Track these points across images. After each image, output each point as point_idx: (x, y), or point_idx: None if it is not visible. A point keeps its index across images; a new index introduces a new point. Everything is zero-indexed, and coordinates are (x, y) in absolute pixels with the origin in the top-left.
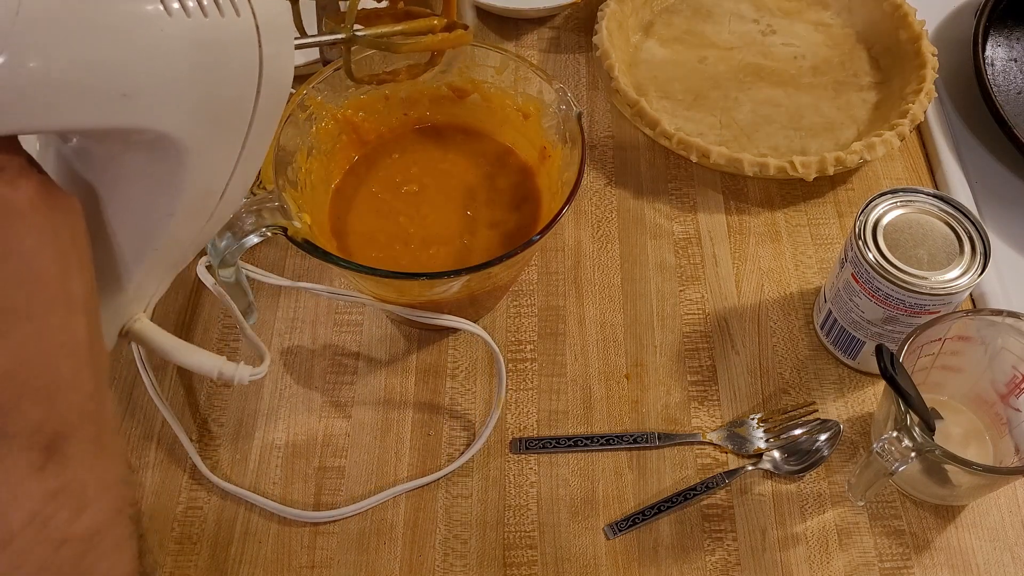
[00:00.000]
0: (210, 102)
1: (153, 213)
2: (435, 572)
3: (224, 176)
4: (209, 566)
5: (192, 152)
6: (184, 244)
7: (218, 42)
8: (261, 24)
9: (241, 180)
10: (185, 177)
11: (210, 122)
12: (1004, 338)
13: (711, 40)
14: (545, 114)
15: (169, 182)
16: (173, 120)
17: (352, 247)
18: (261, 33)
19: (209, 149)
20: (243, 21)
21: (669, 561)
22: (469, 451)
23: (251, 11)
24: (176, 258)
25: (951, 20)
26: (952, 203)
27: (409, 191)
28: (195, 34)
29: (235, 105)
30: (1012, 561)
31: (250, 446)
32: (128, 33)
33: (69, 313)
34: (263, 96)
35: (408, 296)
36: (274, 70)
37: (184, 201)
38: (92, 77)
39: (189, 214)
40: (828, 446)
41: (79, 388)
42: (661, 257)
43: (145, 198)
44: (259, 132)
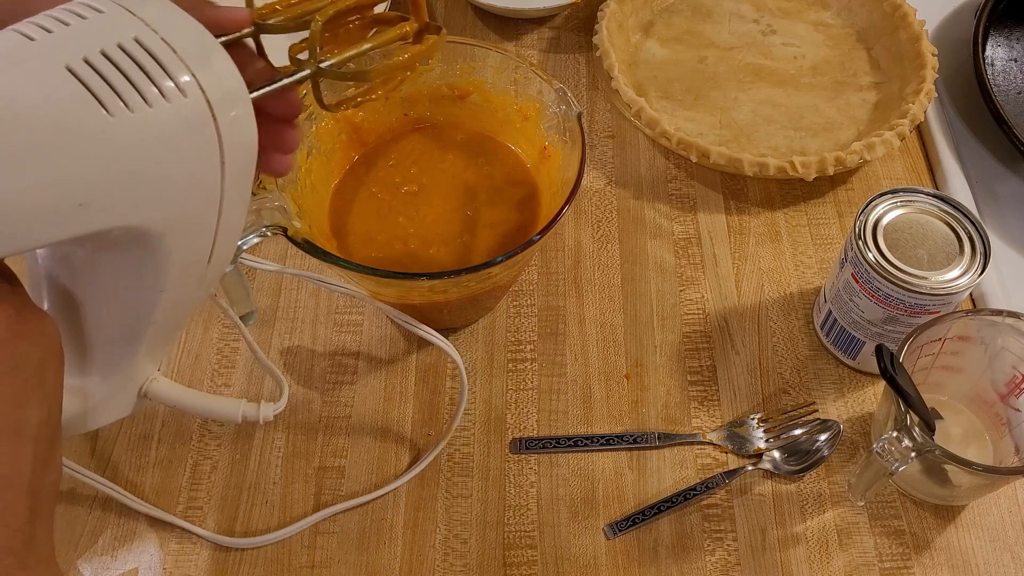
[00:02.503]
0: (174, 187)
1: (144, 292)
2: (435, 572)
3: (206, 244)
4: (209, 566)
5: (167, 235)
6: (182, 308)
7: (169, 128)
8: (212, 98)
9: (226, 241)
10: (166, 258)
11: (178, 203)
12: (1004, 338)
13: (711, 40)
14: (545, 114)
15: (151, 266)
16: (138, 214)
17: (352, 247)
18: (213, 106)
19: (184, 226)
20: (191, 100)
21: (669, 561)
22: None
23: (198, 88)
24: (179, 320)
25: (951, 20)
26: (952, 203)
27: (409, 191)
28: (143, 127)
29: (201, 180)
30: (1012, 561)
31: (250, 446)
32: (73, 146)
33: (15, 444)
34: (228, 163)
35: (408, 296)
36: (234, 136)
37: (171, 276)
38: (44, 197)
39: (179, 285)
40: (828, 446)
41: (8, 523)
42: (661, 257)
43: (133, 282)
44: (234, 196)
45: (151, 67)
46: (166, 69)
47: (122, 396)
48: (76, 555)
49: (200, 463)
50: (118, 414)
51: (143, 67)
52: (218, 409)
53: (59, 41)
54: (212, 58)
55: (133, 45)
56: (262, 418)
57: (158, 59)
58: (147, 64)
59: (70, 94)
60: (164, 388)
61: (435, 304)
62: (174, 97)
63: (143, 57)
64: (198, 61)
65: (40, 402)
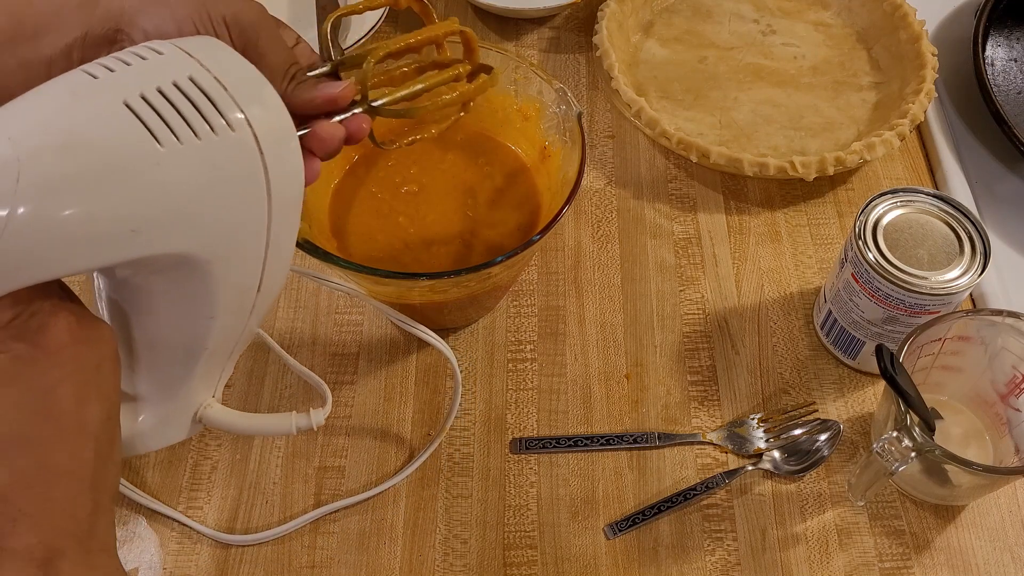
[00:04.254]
0: (221, 216)
1: (195, 319)
2: (435, 572)
3: (255, 274)
4: (209, 566)
5: (215, 262)
6: (234, 336)
7: (217, 160)
8: (259, 133)
9: (275, 271)
10: (215, 285)
11: (226, 233)
12: (1004, 338)
13: (711, 40)
14: (545, 114)
15: (201, 291)
16: (187, 241)
17: (352, 247)
18: (260, 141)
19: (232, 256)
20: (239, 134)
21: (669, 561)
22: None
23: (246, 122)
24: (231, 348)
25: (951, 20)
26: (952, 203)
27: (409, 191)
28: (192, 158)
29: (248, 212)
30: (1012, 561)
31: (250, 446)
32: (124, 174)
33: (79, 440)
34: (275, 195)
35: (407, 296)
36: (281, 170)
37: (221, 304)
38: (97, 224)
39: (230, 313)
40: (828, 446)
41: (74, 513)
42: (661, 257)
43: (183, 308)
44: (281, 226)
45: (203, 103)
46: (217, 105)
47: (177, 420)
48: None
49: (200, 463)
50: (173, 438)
51: (195, 103)
52: (272, 427)
53: (119, 79)
54: (262, 96)
55: (188, 83)
56: (315, 424)
57: (210, 96)
58: (199, 100)
59: (126, 128)
60: (218, 414)
61: (435, 304)
62: (222, 131)
63: (196, 94)
64: (248, 98)
65: (101, 402)
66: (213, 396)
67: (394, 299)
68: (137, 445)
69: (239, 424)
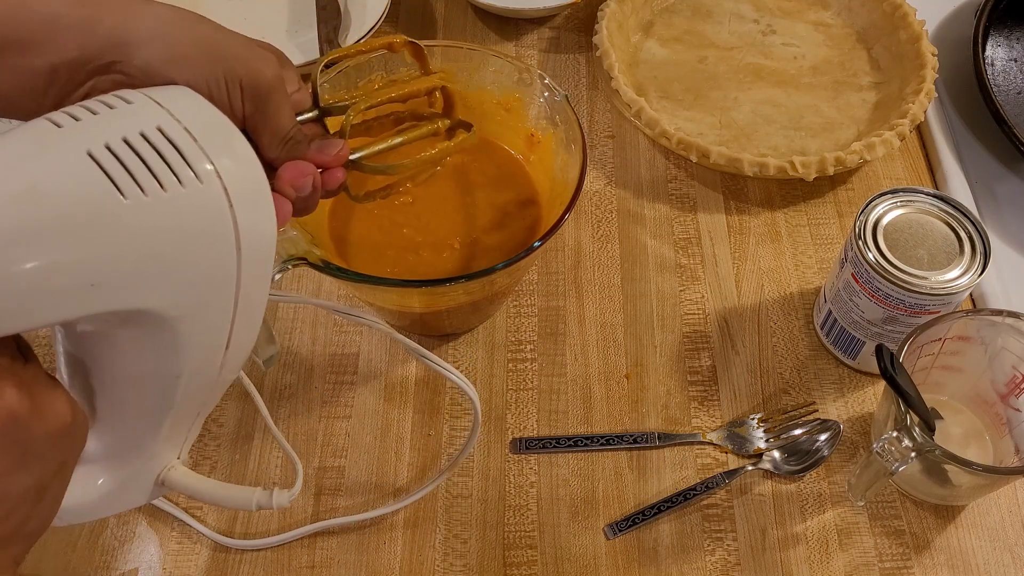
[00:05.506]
0: (187, 271)
1: (160, 378)
2: (435, 572)
3: (223, 331)
4: (209, 566)
5: (180, 319)
6: (201, 396)
7: (183, 214)
8: (229, 185)
9: (245, 328)
10: (180, 342)
11: (192, 289)
12: (1004, 338)
13: (711, 40)
14: (528, 104)
15: (166, 349)
16: (151, 297)
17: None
18: (230, 193)
19: (198, 312)
20: (207, 186)
21: (669, 561)
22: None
23: (216, 174)
24: (198, 407)
25: (951, 20)
26: (952, 203)
27: (404, 202)
28: (157, 211)
29: (216, 267)
30: (1012, 561)
31: (250, 446)
32: (85, 227)
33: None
34: (245, 250)
35: (409, 304)
36: (251, 224)
37: (187, 362)
38: (56, 277)
39: (197, 371)
40: (828, 446)
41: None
42: (661, 257)
43: (148, 366)
44: (251, 282)
45: (170, 154)
46: (185, 156)
47: (138, 483)
48: (75, 555)
49: (200, 463)
50: (134, 502)
51: (162, 154)
52: (232, 499)
53: (84, 129)
54: (232, 147)
55: (155, 133)
56: (275, 506)
57: (178, 147)
58: (166, 151)
59: (88, 179)
60: (181, 477)
61: (436, 311)
62: (190, 183)
63: (163, 145)
64: (218, 149)
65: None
66: (178, 458)
67: (396, 307)
68: (93, 510)
69: (202, 491)
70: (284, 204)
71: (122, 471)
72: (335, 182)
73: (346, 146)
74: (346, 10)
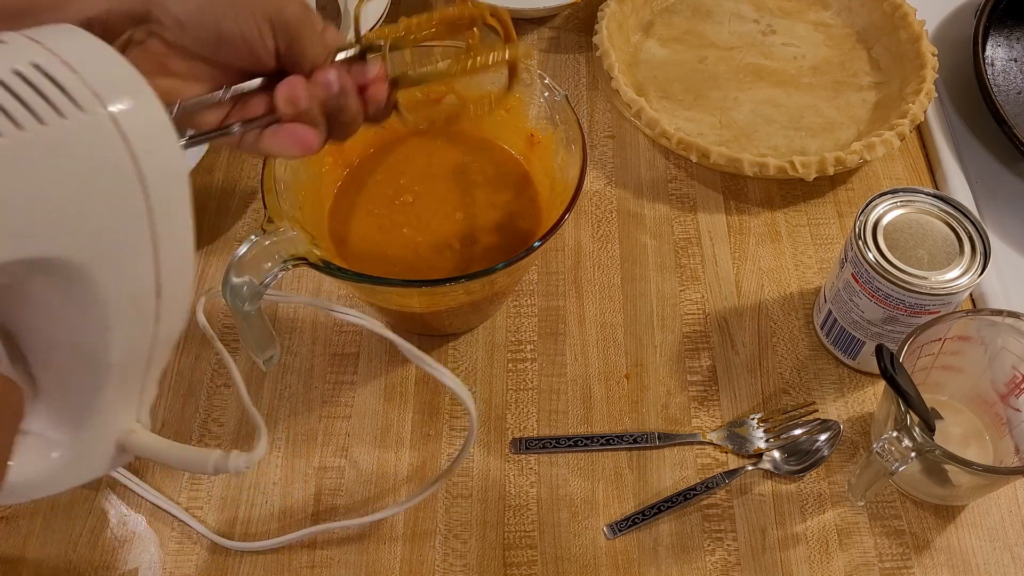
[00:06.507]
0: (85, 210)
1: (88, 333)
2: (435, 572)
3: (147, 277)
4: (209, 565)
5: (90, 265)
6: (144, 350)
7: (68, 146)
8: (119, 116)
9: (175, 274)
10: (99, 291)
11: (95, 229)
12: (1004, 338)
13: (711, 40)
14: (530, 103)
15: (87, 300)
16: (49, 244)
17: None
18: (121, 125)
19: (111, 255)
20: (93, 117)
21: (669, 561)
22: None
23: (100, 104)
24: (144, 363)
25: (951, 20)
26: (952, 203)
27: (404, 202)
28: (39, 146)
29: (118, 203)
30: (1012, 561)
31: (250, 447)
32: None
33: None
34: (152, 186)
35: (409, 304)
36: (155, 159)
37: (112, 313)
38: None
39: (128, 323)
40: (828, 446)
41: None
42: (661, 257)
43: (71, 319)
44: (167, 221)
45: (47, 88)
46: (64, 89)
47: (95, 451)
48: (76, 555)
49: None
50: (95, 471)
51: (38, 88)
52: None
53: None
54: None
55: (30, 69)
56: (232, 469)
57: (56, 80)
58: (43, 86)
59: None
60: (145, 440)
61: (436, 312)
62: (72, 115)
63: (40, 80)
64: (101, 80)
65: None
66: (138, 421)
67: (396, 307)
68: (52, 483)
69: (162, 452)
70: (296, 131)
71: (76, 440)
72: (380, 95)
73: (383, 67)
74: (346, 10)
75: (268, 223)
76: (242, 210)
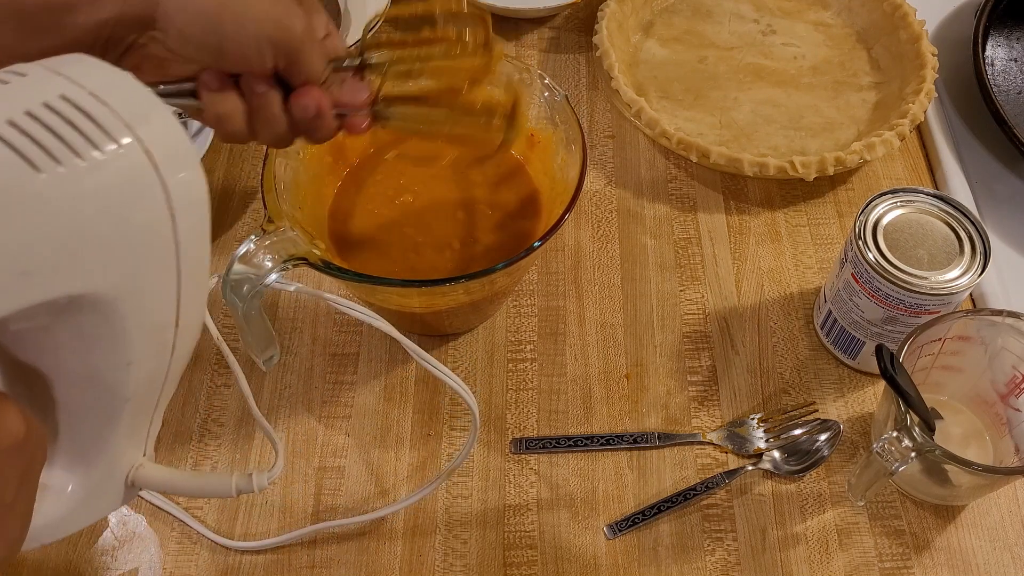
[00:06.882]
0: (120, 243)
1: (109, 368)
2: (435, 572)
3: (170, 308)
4: (209, 566)
5: (121, 300)
6: (158, 382)
7: (104, 180)
8: (152, 148)
9: (193, 304)
10: (126, 326)
11: (129, 263)
12: (1004, 338)
13: (711, 40)
14: (529, 103)
15: (112, 335)
16: (86, 279)
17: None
18: (154, 157)
19: (140, 290)
20: (127, 150)
21: (669, 561)
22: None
23: (133, 136)
24: (157, 396)
25: (951, 20)
26: (952, 203)
27: (404, 202)
28: (76, 181)
29: (151, 240)
30: (1012, 561)
31: (250, 446)
32: (5, 211)
33: None
34: (180, 216)
35: (409, 304)
36: (183, 191)
37: (136, 347)
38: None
39: (148, 355)
40: (828, 446)
41: None
42: (661, 257)
43: (94, 357)
44: (192, 254)
45: (80, 121)
46: (96, 120)
47: (108, 488)
48: (76, 555)
49: (200, 463)
50: (107, 509)
51: (71, 121)
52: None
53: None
54: (145, 105)
55: (60, 102)
56: (257, 488)
57: (87, 112)
58: (75, 118)
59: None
60: (153, 474)
61: (436, 311)
62: (106, 147)
63: (71, 112)
64: (130, 110)
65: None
66: (144, 455)
67: (396, 307)
68: (67, 524)
69: (177, 484)
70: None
71: (89, 478)
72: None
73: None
74: (346, 10)
75: (268, 223)
76: (242, 210)
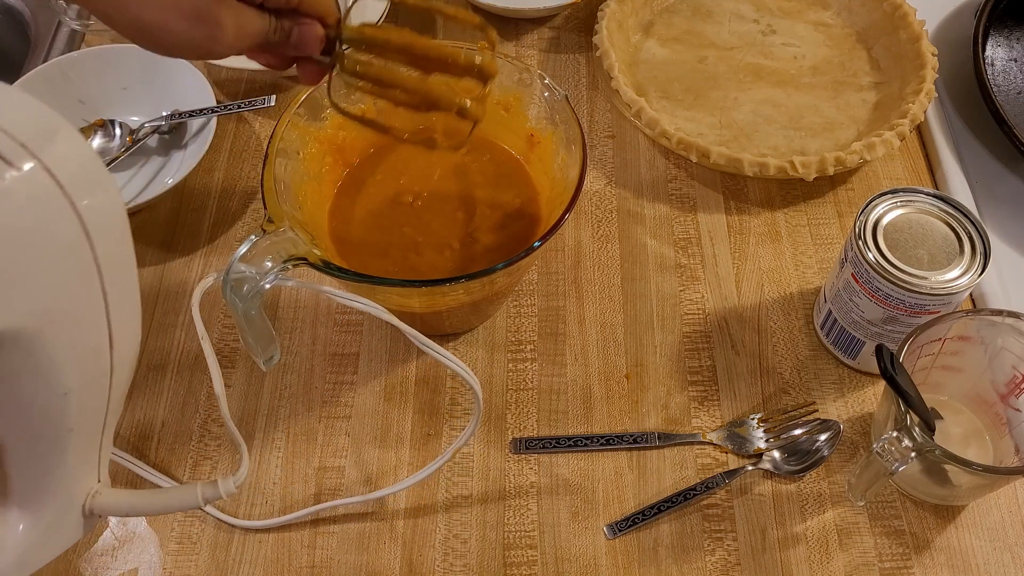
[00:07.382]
0: (35, 276)
1: (46, 400)
2: (435, 572)
3: (101, 332)
4: (209, 566)
5: (43, 331)
6: (101, 406)
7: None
8: (54, 168)
9: (126, 323)
10: (53, 355)
11: (46, 295)
12: (1004, 338)
13: (711, 40)
14: (529, 103)
15: (44, 367)
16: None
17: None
18: (58, 177)
19: (63, 318)
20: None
21: (669, 561)
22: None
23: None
24: (102, 420)
25: (951, 20)
26: (952, 203)
27: (404, 202)
28: None
29: (67, 261)
30: (1012, 561)
31: (250, 446)
32: None
33: None
34: (96, 236)
35: (409, 304)
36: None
37: (70, 375)
38: None
39: (85, 382)
40: (828, 446)
41: None
42: (661, 257)
43: (27, 391)
44: (114, 270)
45: None
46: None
47: (65, 521)
48: (76, 555)
49: (200, 463)
50: (67, 542)
51: None
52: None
53: None
54: (50, 128)
55: None
56: (224, 494)
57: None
58: None
59: None
60: (111, 499)
61: (436, 312)
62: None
63: None
64: (32, 134)
65: None
66: (99, 481)
67: (396, 307)
68: (25, 563)
69: (140, 505)
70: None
71: (42, 515)
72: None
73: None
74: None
75: (268, 223)
76: (242, 210)
